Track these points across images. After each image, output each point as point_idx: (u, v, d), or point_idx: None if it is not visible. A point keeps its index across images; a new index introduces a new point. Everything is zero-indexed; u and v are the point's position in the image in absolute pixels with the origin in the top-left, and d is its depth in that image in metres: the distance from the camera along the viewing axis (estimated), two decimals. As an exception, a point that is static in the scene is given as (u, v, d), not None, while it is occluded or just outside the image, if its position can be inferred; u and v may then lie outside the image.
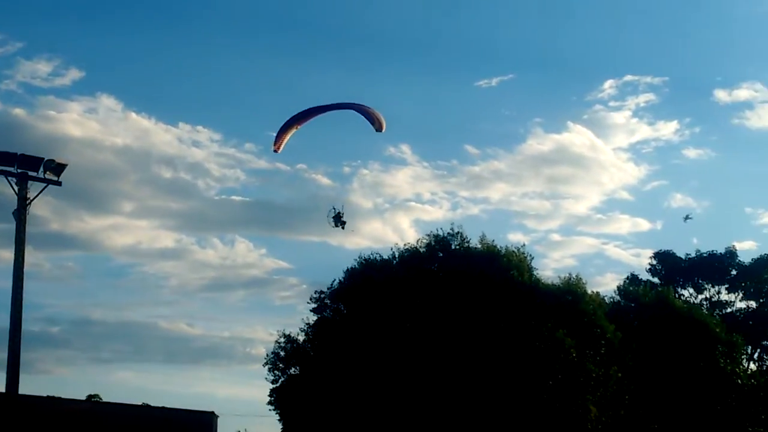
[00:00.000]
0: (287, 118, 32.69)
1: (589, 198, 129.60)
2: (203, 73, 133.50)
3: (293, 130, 32.94)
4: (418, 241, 47.46)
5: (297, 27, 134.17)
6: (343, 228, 35.76)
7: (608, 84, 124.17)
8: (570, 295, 45.72)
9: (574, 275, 47.45)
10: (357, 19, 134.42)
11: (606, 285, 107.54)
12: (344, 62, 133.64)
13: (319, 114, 33.38)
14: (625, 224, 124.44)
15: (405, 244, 47.41)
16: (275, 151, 33.06)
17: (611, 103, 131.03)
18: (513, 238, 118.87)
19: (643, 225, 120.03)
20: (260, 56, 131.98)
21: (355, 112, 32.79)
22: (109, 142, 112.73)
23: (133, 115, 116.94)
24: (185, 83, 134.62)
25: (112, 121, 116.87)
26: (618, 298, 55.58)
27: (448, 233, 47.38)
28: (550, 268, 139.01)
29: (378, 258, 47.29)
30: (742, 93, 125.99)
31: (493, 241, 47.05)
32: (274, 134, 32.78)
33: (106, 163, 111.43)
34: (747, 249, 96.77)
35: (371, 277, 45.12)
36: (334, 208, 35.41)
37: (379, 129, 32.29)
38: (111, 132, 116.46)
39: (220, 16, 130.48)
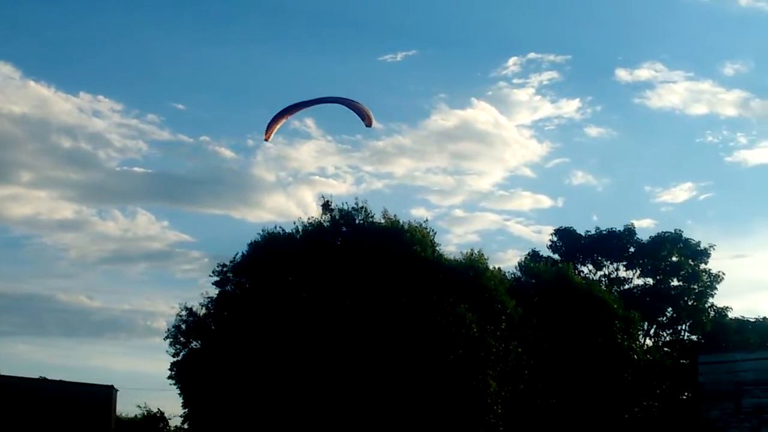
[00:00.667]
0: (279, 109, 34.67)
1: (492, 174, 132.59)
2: (104, 43, 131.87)
3: (283, 120, 34.91)
4: (321, 215, 48.00)
5: (196, 2, 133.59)
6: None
7: (512, 61, 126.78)
8: (472, 270, 46.91)
9: (476, 251, 48.75)
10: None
11: (508, 261, 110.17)
12: (246, 35, 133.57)
13: (307, 107, 36.06)
14: (527, 201, 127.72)
15: (309, 218, 47.92)
16: (266, 139, 35.10)
17: (515, 80, 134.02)
18: (416, 214, 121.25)
19: (545, 202, 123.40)
20: (161, 27, 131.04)
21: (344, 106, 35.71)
22: (7, 110, 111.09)
23: (32, 83, 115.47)
24: (86, 52, 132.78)
25: (10, 89, 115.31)
26: (519, 274, 57.17)
27: (353, 208, 48.08)
28: (453, 243, 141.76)
29: (281, 232, 47.69)
30: (643, 73, 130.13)
31: (396, 216, 47.96)
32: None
33: (3, 132, 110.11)
34: (645, 227, 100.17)
35: (274, 251, 45.49)
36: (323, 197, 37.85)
37: (369, 124, 35.34)
38: (8, 100, 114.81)
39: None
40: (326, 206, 44.35)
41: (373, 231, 46.93)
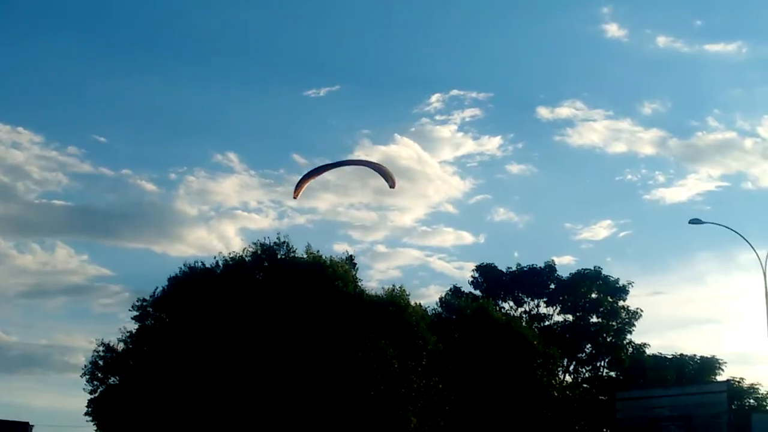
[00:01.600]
0: (308, 170, 38.64)
1: (415, 210, 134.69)
2: (24, 74, 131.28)
3: (311, 179, 38.50)
4: (243, 249, 49.14)
5: (119, 32, 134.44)
6: None
7: (435, 98, 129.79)
8: (393, 306, 48.39)
9: (398, 287, 50.29)
10: (186, 26, 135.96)
11: (430, 297, 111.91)
12: (171, 67, 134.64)
13: (335, 168, 39.54)
14: (449, 237, 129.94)
15: (230, 253, 48.96)
16: (294, 197, 38.51)
17: (438, 117, 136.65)
18: (339, 249, 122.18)
19: (467, 238, 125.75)
20: (79, 58, 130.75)
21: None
22: None
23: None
24: (4, 82, 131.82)
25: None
26: (440, 309, 58.71)
27: (274, 243, 49.34)
28: (375, 279, 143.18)
29: (201, 266, 48.58)
30: (564, 111, 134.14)
31: (318, 251, 49.31)
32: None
33: None
34: (566, 264, 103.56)
35: (194, 286, 46.36)
36: None
37: (392, 186, 37.86)
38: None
39: (40, 15, 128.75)
40: None
41: (295, 266, 48.11)
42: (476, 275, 70.74)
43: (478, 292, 68.33)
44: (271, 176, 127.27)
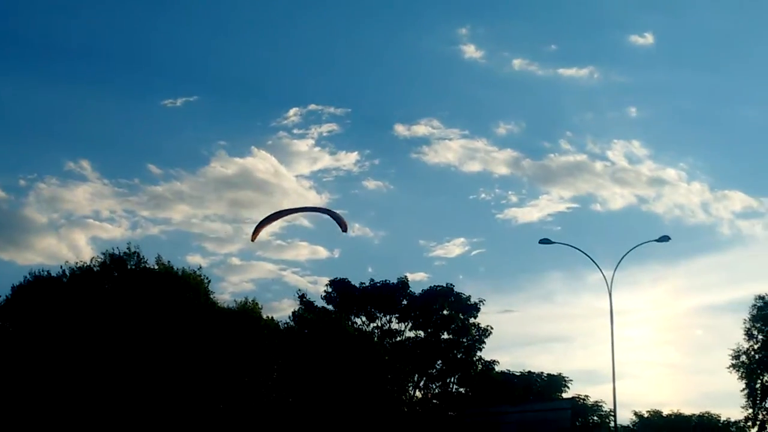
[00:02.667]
0: (266, 215, 41.52)
1: (271, 223, 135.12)
2: None
3: (268, 224, 41.56)
4: (91, 259, 49.21)
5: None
6: None
7: (293, 112, 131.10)
8: (245, 319, 49.32)
9: (250, 299, 51.23)
10: (41, 28, 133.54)
11: (283, 311, 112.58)
12: (25, 73, 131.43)
13: (291, 213, 44.29)
14: (304, 251, 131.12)
15: (77, 262, 48.97)
16: (252, 240, 41.89)
17: (295, 131, 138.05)
18: (192, 261, 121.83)
19: (322, 252, 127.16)
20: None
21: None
22: None
23: None
24: None
25: None
26: (292, 323, 59.80)
27: (124, 253, 49.60)
28: (228, 291, 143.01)
29: (46, 275, 48.41)
30: (421, 129, 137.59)
31: (170, 262, 49.84)
32: None
33: None
34: (419, 280, 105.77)
35: (39, 294, 46.22)
36: None
37: (345, 230, 41.69)
38: None
39: None
40: None
41: (145, 276, 48.50)
42: (330, 290, 71.94)
43: (331, 307, 69.55)
44: (125, 185, 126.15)
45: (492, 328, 71.81)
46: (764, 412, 64.76)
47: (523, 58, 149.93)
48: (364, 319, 70.41)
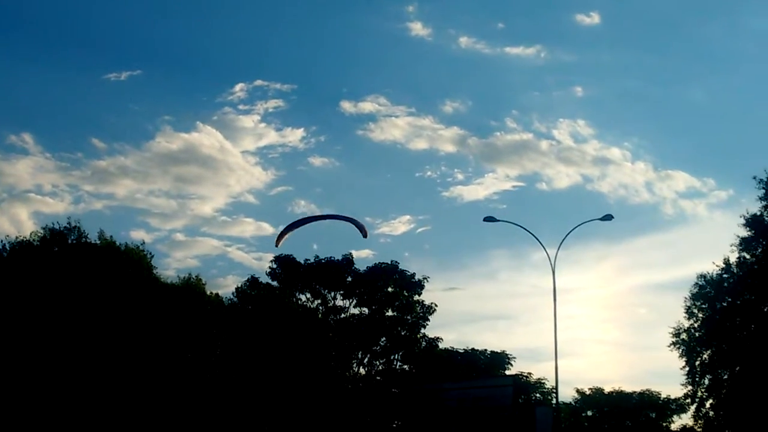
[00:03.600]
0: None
1: (216, 199, 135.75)
2: None
3: (292, 232, 45.33)
4: (31, 234, 48.99)
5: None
6: None
7: (239, 87, 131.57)
8: (189, 294, 49.46)
9: (194, 275, 51.36)
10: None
11: (228, 287, 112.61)
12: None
13: (314, 221, 48.31)
14: (249, 227, 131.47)
15: (17, 237, 48.75)
16: (276, 246, 45.65)
17: (241, 107, 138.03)
18: (136, 236, 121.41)
19: (267, 229, 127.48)
20: None
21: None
22: None
23: None
24: None
25: None
26: (236, 300, 60.00)
27: (65, 227, 49.39)
28: (172, 267, 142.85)
29: (-16, 249, 48.22)
30: (367, 106, 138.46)
31: (112, 237, 49.81)
32: None
33: None
34: (364, 257, 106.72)
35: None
36: None
37: (365, 236, 46.48)
38: None
39: None
40: None
41: (86, 251, 48.39)
42: (275, 266, 72.03)
43: (275, 283, 69.68)
44: (68, 159, 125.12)
45: (436, 305, 72.35)
46: (703, 390, 66.13)
47: (470, 36, 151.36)
48: (308, 295, 70.44)
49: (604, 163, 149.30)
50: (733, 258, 63.83)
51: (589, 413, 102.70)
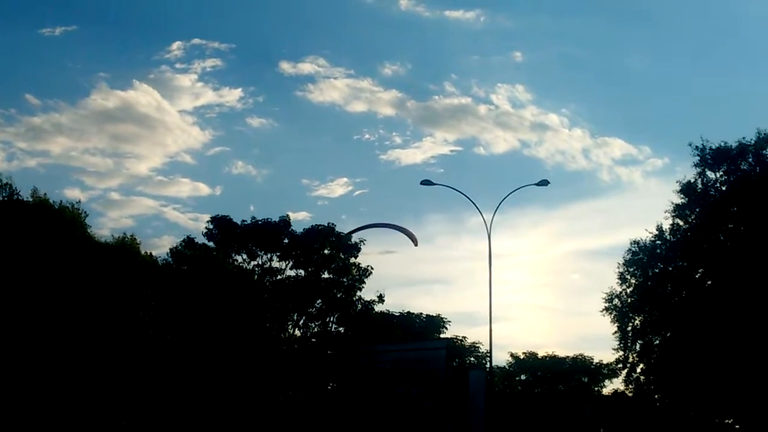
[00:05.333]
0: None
1: (152, 159, 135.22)
2: None
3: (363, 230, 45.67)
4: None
5: None
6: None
7: (176, 46, 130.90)
8: (123, 255, 49.45)
9: (128, 235, 51.32)
10: None
11: (163, 247, 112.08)
12: None
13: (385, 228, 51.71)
14: (185, 188, 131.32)
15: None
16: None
17: (178, 65, 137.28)
18: (71, 195, 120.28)
19: (204, 189, 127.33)
20: None
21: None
22: None
23: None
24: None
25: None
26: (171, 260, 60.08)
27: (-5, 184, 48.91)
28: (107, 227, 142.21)
29: None
30: (306, 67, 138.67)
31: (45, 194, 49.48)
32: None
33: None
34: (301, 219, 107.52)
35: None
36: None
37: (416, 244, 47.00)
38: None
39: None
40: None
41: (17, 208, 48.02)
42: (211, 227, 72.10)
43: (212, 244, 69.78)
44: (1, 116, 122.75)
45: (372, 268, 73.31)
46: (634, 355, 67.86)
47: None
48: (244, 257, 70.86)
49: (541, 128, 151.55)
50: (667, 225, 65.36)
51: (523, 377, 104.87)
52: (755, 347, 55.14)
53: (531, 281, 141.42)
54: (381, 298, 71.98)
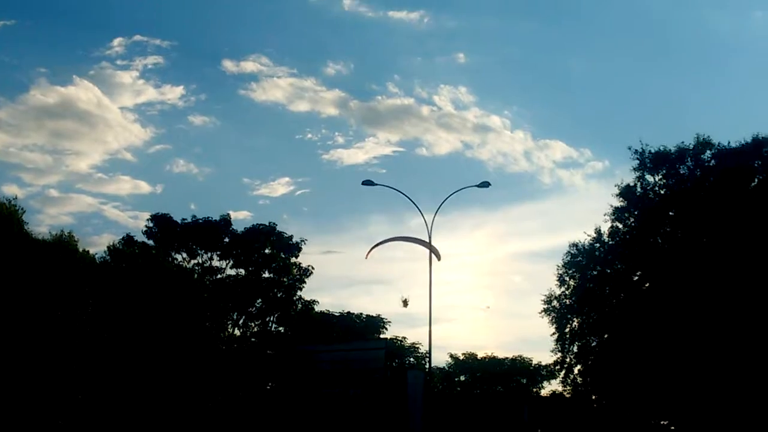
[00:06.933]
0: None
1: (92, 156, 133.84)
2: None
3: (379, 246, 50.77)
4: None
5: None
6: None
7: (117, 42, 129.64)
8: (61, 252, 49.20)
9: (66, 233, 51.08)
10: None
11: (102, 245, 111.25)
12: None
13: (400, 241, 54.56)
14: (126, 185, 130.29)
15: None
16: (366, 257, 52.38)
17: (119, 62, 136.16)
18: (8, 191, 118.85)
19: (144, 187, 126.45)
20: None
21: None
22: None
23: None
24: None
25: None
26: (109, 258, 59.80)
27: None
28: (45, 224, 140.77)
29: None
30: (249, 65, 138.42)
31: (-19, 191, 49.12)
32: None
33: None
34: (242, 218, 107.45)
35: None
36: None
37: (439, 259, 51.83)
38: None
39: None
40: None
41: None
42: (151, 225, 71.88)
43: (152, 243, 69.56)
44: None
45: (313, 268, 73.61)
46: (572, 356, 68.77)
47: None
48: (185, 255, 70.84)
49: (484, 130, 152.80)
50: (606, 228, 66.32)
51: (462, 378, 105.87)
52: (691, 349, 56.27)
53: (472, 282, 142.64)
54: (312, 306, 72.72)
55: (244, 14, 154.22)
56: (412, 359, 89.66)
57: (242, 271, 71.62)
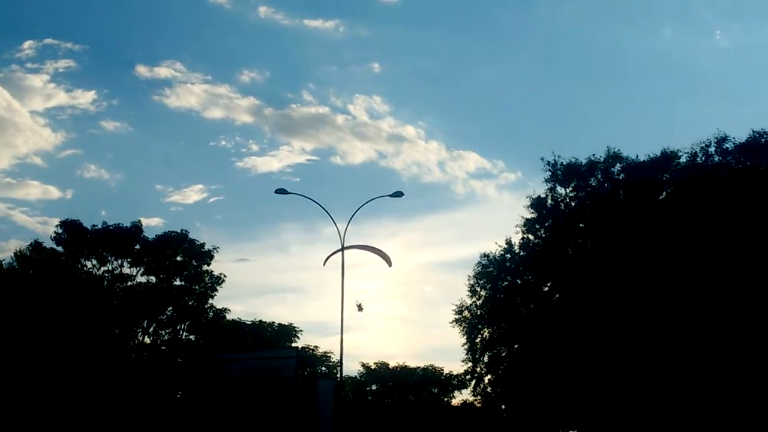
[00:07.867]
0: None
1: (0, 160, 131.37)
2: None
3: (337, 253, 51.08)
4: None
5: None
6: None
7: (27, 45, 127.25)
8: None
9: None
10: None
11: (9, 251, 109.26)
12: None
13: (359, 249, 55.19)
14: (35, 190, 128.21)
15: None
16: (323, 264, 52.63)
17: (29, 65, 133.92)
18: None
19: (54, 193, 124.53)
20: None
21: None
22: None
23: None
24: None
25: None
26: (16, 264, 58.91)
27: None
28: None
29: None
30: (163, 71, 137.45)
31: None
32: None
33: None
34: (154, 225, 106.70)
35: None
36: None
37: (390, 265, 54.77)
38: None
39: None
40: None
41: None
42: (60, 231, 70.91)
43: (61, 249, 68.61)
44: None
45: (225, 276, 73.29)
46: (482, 366, 69.67)
47: (269, 6, 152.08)
48: (94, 262, 69.94)
49: (398, 140, 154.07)
50: (517, 239, 67.42)
51: (374, 387, 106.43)
52: (598, 359, 57.51)
53: (384, 292, 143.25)
54: (223, 314, 72.41)
55: (158, 19, 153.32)
56: (324, 368, 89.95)
57: (153, 279, 70.88)
